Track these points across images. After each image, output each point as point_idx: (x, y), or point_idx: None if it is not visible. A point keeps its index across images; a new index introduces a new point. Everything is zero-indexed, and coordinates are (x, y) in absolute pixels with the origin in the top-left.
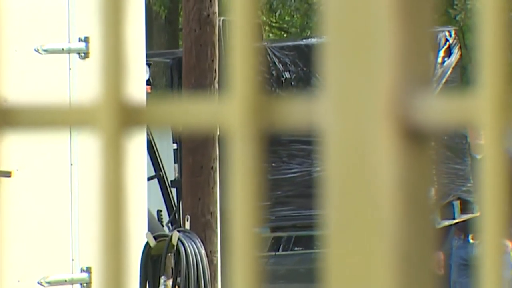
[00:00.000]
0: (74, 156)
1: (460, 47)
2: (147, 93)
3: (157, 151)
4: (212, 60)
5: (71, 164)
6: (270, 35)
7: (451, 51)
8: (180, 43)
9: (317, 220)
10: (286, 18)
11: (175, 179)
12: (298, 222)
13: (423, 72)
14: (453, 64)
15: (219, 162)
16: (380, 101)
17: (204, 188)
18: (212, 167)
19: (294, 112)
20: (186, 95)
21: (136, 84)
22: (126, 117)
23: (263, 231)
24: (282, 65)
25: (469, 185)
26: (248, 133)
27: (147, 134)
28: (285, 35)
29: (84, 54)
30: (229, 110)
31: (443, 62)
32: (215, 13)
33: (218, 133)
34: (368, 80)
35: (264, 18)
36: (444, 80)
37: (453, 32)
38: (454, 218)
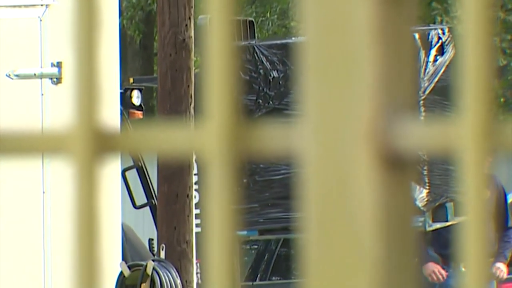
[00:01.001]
0: (47, 184)
1: (454, 45)
2: (139, 119)
3: (149, 178)
4: (188, 86)
5: (44, 192)
6: None
7: (444, 49)
8: (155, 68)
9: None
10: None
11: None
12: (288, 224)
13: (405, 98)
14: (447, 63)
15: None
16: (360, 127)
17: (180, 216)
18: (187, 195)
19: (273, 137)
20: (161, 121)
21: (110, 109)
22: (100, 143)
23: (252, 234)
24: (270, 64)
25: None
26: (225, 159)
27: (140, 161)
28: None
29: (57, 80)
30: (205, 137)
31: (436, 60)
32: (191, 37)
33: (194, 160)
34: (348, 106)
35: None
36: (436, 79)
37: (446, 30)
38: (447, 221)
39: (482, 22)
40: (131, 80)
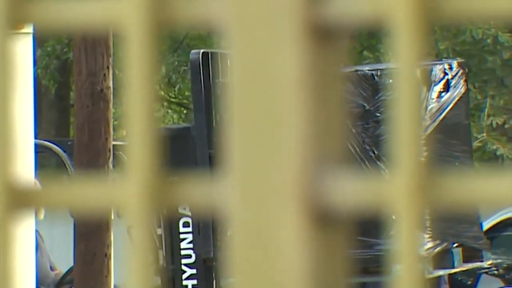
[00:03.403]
0: None
1: (466, 81)
2: None
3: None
4: (106, 139)
5: None
6: (169, 111)
7: (450, 85)
8: (72, 119)
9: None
10: (186, 93)
11: (159, 267)
12: None
13: (335, 151)
14: (456, 99)
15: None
16: (288, 182)
17: (98, 277)
18: (106, 254)
19: (196, 193)
20: (78, 176)
21: (25, 163)
22: (14, 199)
23: None
24: None
25: (475, 229)
26: (145, 216)
27: None
28: (185, 111)
29: None
30: (125, 192)
31: (440, 97)
32: (110, 87)
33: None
34: (275, 160)
35: (162, 93)
36: (441, 117)
37: (455, 65)
38: (453, 267)
39: (413, 71)
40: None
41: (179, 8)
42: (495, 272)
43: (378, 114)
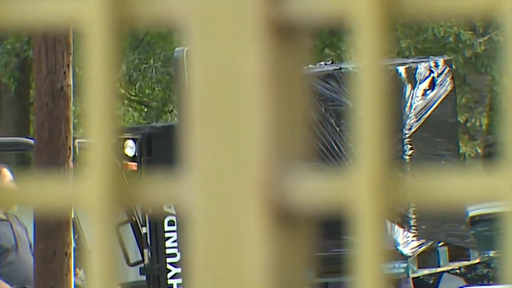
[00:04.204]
0: None
1: (452, 78)
2: (133, 171)
3: (146, 234)
4: (66, 137)
5: None
6: (129, 109)
7: (435, 83)
8: (32, 118)
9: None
10: (147, 91)
11: (144, 266)
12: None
13: (298, 150)
14: (442, 97)
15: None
16: (250, 180)
17: (58, 275)
18: (66, 253)
19: (157, 190)
20: (38, 174)
21: None
22: None
23: None
24: None
25: (462, 228)
26: (105, 214)
27: (134, 216)
28: (145, 110)
29: None
30: (85, 191)
31: (425, 94)
32: (70, 85)
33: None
34: (237, 158)
35: (123, 91)
36: (427, 115)
37: (441, 62)
38: (438, 266)
39: (375, 69)
40: None
41: (140, 6)
42: (457, 271)
43: None
